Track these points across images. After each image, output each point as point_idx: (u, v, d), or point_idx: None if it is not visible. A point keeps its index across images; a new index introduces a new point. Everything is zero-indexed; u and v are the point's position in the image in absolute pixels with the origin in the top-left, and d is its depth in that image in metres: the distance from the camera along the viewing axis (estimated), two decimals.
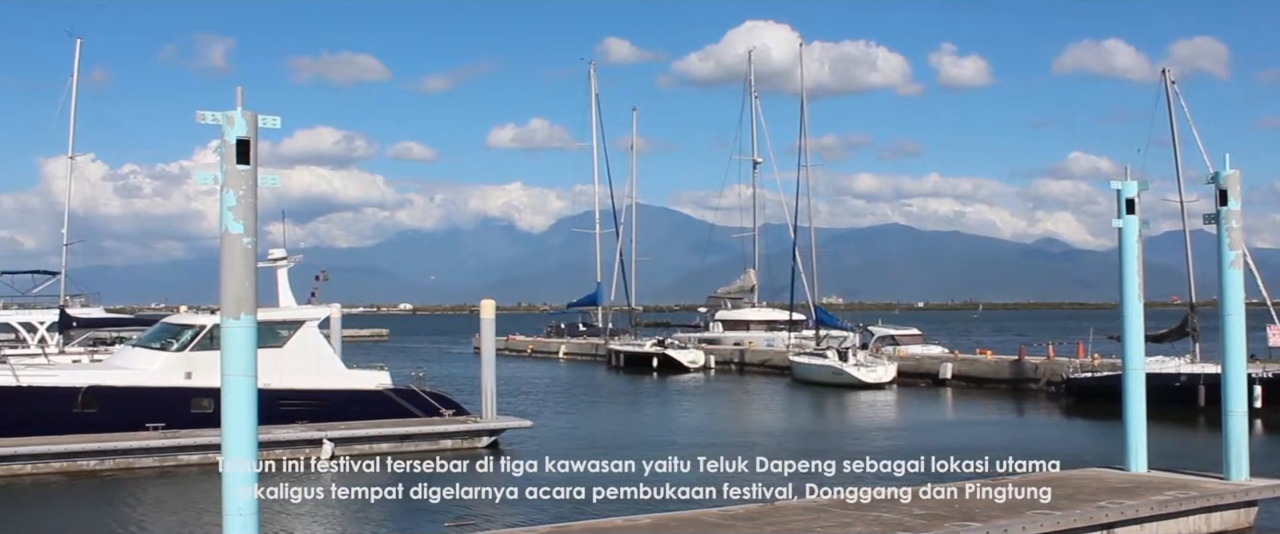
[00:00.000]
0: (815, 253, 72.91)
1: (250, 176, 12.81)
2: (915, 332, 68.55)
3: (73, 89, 58.30)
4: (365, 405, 32.31)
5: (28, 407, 29.90)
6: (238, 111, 12.86)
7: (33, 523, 22.36)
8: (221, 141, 12.90)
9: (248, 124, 12.85)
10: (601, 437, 37.23)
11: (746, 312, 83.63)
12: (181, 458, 28.05)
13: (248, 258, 12.83)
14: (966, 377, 56.59)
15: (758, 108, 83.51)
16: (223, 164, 12.87)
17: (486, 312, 34.33)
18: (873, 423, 43.45)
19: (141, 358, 32.15)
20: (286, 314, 32.55)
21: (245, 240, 12.77)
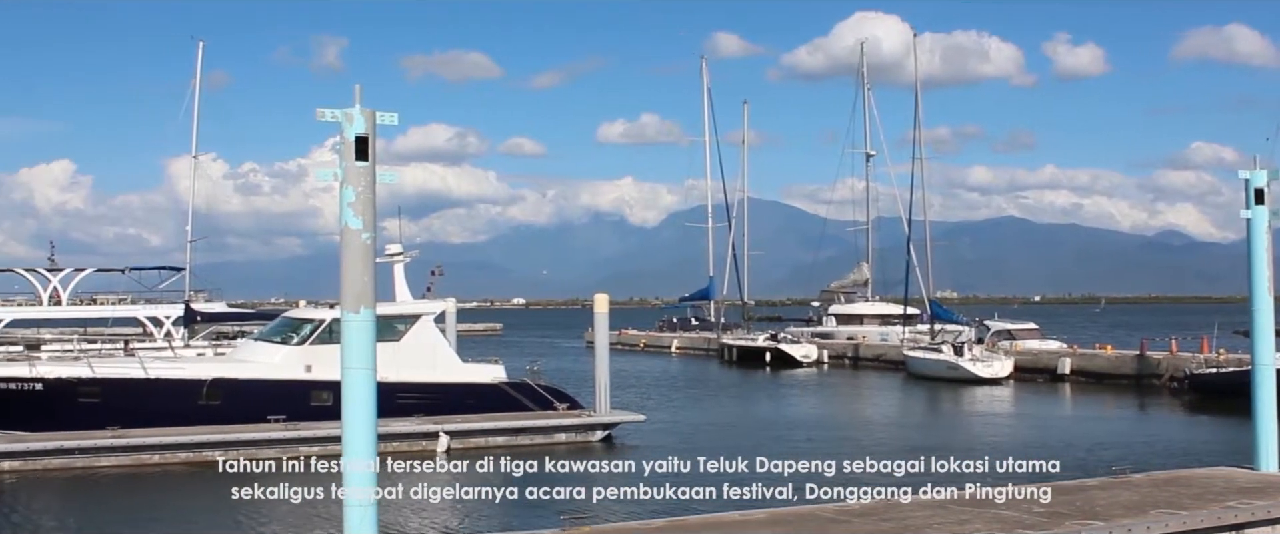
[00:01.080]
0: (929, 246, 72.16)
1: (368, 173, 12.96)
2: (1032, 326, 67.36)
3: (196, 91, 59.70)
4: (480, 399, 32.62)
5: (155, 398, 30.73)
6: (356, 109, 13.02)
7: (159, 511, 22.92)
8: (340, 139, 13.07)
9: (366, 121, 13.01)
10: (715, 431, 37.16)
11: (860, 306, 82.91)
12: (302, 449, 28.52)
13: (366, 253, 12.98)
14: (1086, 372, 55.46)
15: (871, 100, 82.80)
16: (342, 161, 13.04)
17: (600, 306, 34.41)
18: (989, 419, 42.79)
19: (263, 352, 32.80)
20: (403, 309, 32.96)
21: (364, 236, 12.93)
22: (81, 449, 27.38)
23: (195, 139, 60.04)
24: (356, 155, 12.90)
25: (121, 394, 30.69)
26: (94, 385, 30.86)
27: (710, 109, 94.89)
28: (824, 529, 15.84)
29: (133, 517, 22.53)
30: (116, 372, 31.45)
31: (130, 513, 22.90)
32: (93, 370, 31.23)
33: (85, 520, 22.41)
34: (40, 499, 24.46)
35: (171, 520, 22.17)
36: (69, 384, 30.79)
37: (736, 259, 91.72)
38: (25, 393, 30.47)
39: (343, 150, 13.07)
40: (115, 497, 24.75)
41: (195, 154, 60.22)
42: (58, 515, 23.12)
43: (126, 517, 22.54)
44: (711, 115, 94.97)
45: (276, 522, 22.40)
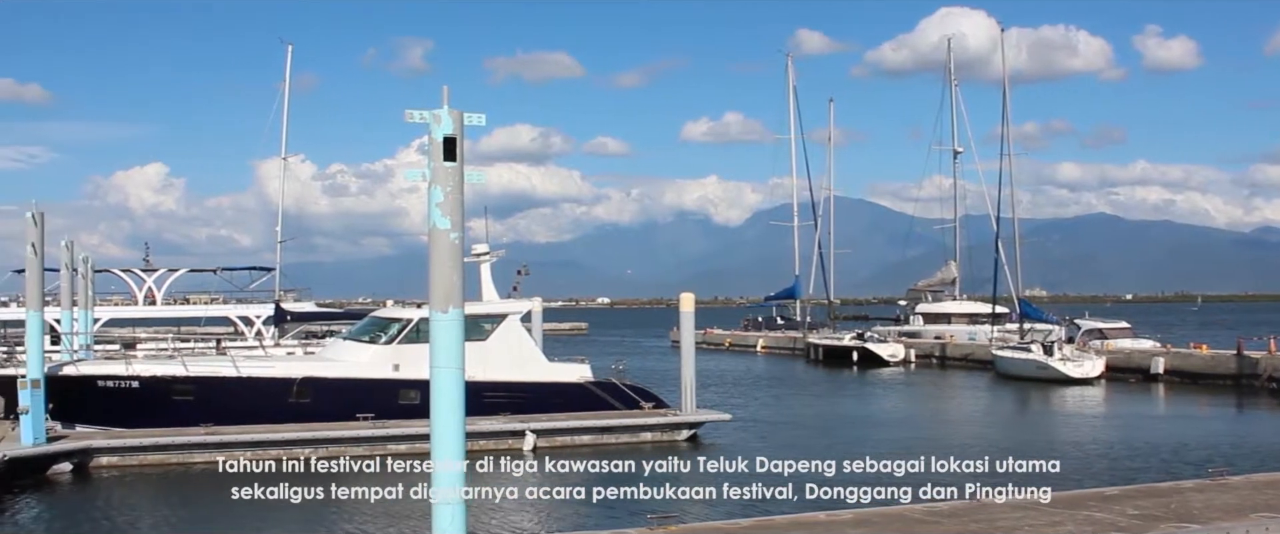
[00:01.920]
0: (1018, 244, 71.22)
1: (457, 173, 13.01)
2: (1124, 325, 66.24)
3: (285, 94, 60.57)
4: (566, 398, 32.70)
5: (247, 396, 31.19)
6: (444, 110, 13.08)
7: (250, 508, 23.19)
8: (428, 139, 13.14)
9: (454, 122, 13.06)
10: (801, 430, 36.99)
11: (948, 304, 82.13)
12: (390, 447, 28.80)
13: (455, 253, 13.03)
14: (1180, 372, 54.39)
15: (958, 96, 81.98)
16: (430, 162, 13.11)
17: (686, 305, 34.34)
18: (1080, 419, 42.16)
19: (351, 350, 33.14)
20: (490, 308, 33.15)
21: (452, 235, 12.98)
22: (176, 446, 27.87)
23: (284, 141, 60.94)
24: (444, 156, 12.96)
25: (214, 392, 31.17)
26: (188, 383, 31.38)
27: (796, 107, 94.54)
28: (912, 530, 15.70)
29: (224, 513, 22.83)
30: (209, 370, 31.95)
31: (222, 509, 23.21)
32: (187, 369, 31.75)
33: (180, 516, 22.78)
34: (137, 494, 24.92)
35: (261, 517, 22.44)
36: (164, 382, 31.33)
37: (822, 258, 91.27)
38: (122, 390, 31.06)
39: (431, 151, 13.13)
40: (207, 493, 25.12)
41: (284, 156, 61.10)
42: (153, 510, 23.53)
43: (218, 512, 22.86)
44: (797, 113, 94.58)
45: (365, 520, 22.63)
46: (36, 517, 22.35)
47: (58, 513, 22.74)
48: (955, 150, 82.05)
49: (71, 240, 37.12)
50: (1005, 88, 73.16)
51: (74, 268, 38.31)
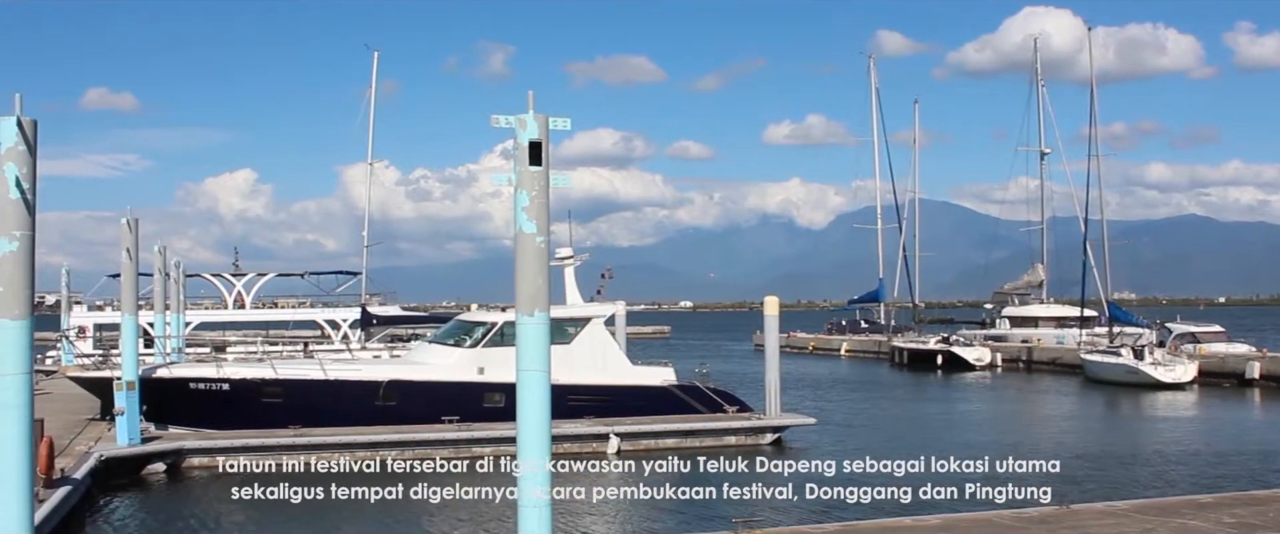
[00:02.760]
0: (1107, 246, 70.12)
1: (542, 177, 13.07)
2: (1217, 328, 64.94)
3: (371, 100, 61.21)
4: (650, 401, 32.71)
5: (334, 399, 31.56)
6: (530, 115, 13.14)
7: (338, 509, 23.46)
8: (514, 144, 13.22)
9: (539, 127, 13.12)
10: (886, 434, 36.70)
11: (1034, 308, 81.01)
12: (475, 450, 28.97)
13: (541, 256, 13.09)
14: (1277, 377, 53.25)
15: (1044, 97, 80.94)
16: (516, 166, 13.18)
17: (770, 308, 34.21)
18: (1172, 424, 41.42)
19: (437, 354, 33.40)
20: (574, 311, 33.24)
21: (538, 239, 13.03)
22: (265, 447, 28.22)
23: (371, 146, 61.55)
24: (530, 160, 13.02)
25: (302, 394, 31.56)
26: (277, 386, 31.80)
27: (879, 109, 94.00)
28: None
29: (313, 514, 23.11)
30: (298, 373, 32.34)
31: (310, 510, 23.48)
32: (275, 371, 32.17)
33: (269, 516, 23.07)
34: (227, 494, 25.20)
35: (349, 519, 22.69)
36: (253, 384, 31.78)
37: (907, 260, 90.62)
38: (213, 393, 31.57)
39: (516, 155, 13.20)
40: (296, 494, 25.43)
41: (371, 161, 61.69)
42: (244, 511, 23.84)
43: (307, 514, 23.13)
44: (880, 115, 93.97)
45: (450, 521, 22.80)
46: (131, 515, 22.78)
47: (151, 512, 23.15)
48: (1042, 151, 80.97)
49: (164, 245, 37.82)
50: (1092, 87, 72.14)
51: (166, 273, 39.01)
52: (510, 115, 13.21)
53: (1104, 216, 70.57)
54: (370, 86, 61.58)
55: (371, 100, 61.27)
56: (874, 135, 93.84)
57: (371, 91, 61.40)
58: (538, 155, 13.03)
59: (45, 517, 17.76)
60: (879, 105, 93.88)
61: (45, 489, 19.68)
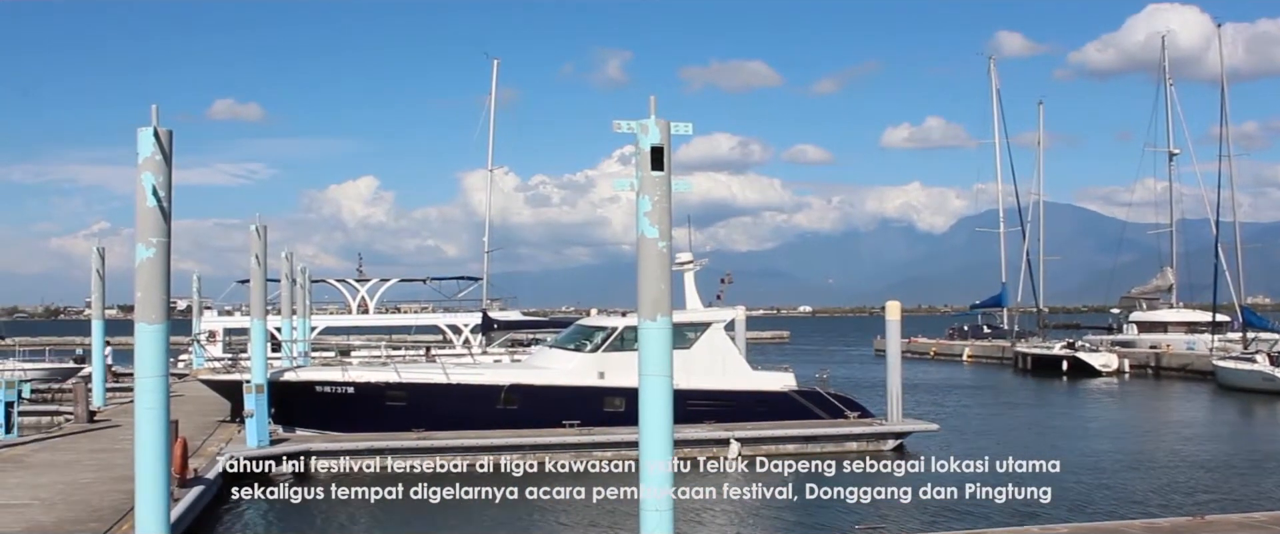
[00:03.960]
0: (1240, 249, 68.39)
1: (664, 182, 13.08)
2: None
3: (491, 107, 61.96)
4: (770, 406, 32.56)
5: (456, 402, 31.90)
6: (651, 119, 13.16)
7: (461, 511, 23.71)
8: (636, 149, 13.24)
9: (661, 131, 13.13)
10: (1011, 442, 36.05)
11: (1163, 312, 79.17)
12: (596, 454, 29.03)
13: (663, 261, 13.10)
14: None
15: (1172, 96, 79.08)
16: (638, 171, 13.21)
17: (892, 313, 33.82)
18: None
19: (558, 358, 33.60)
20: (694, 316, 33.20)
21: (660, 244, 13.05)
22: (390, 450, 28.62)
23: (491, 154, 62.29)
24: (652, 165, 13.04)
25: (426, 398, 31.96)
26: (400, 390, 32.23)
27: (1000, 111, 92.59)
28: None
29: (436, 516, 23.38)
30: (421, 377, 32.74)
31: (434, 512, 23.78)
32: (399, 375, 32.61)
33: (393, 518, 23.39)
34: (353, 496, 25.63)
35: (471, 521, 22.91)
36: (378, 388, 32.25)
37: (1031, 264, 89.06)
38: (338, 396, 32.11)
39: (638, 160, 13.23)
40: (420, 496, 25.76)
41: (491, 168, 62.39)
42: (369, 513, 24.20)
43: (430, 515, 23.41)
44: (1001, 117, 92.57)
45: (572, 525, 22.90)
46: (260, 515, 23.24)
47: (279, 512, 23.58)
48: (1170, 152, 79.21)
49: (290, 252, 38.64)
50: (1223, 86, 70.48)
51: (293, 278, 39.81)
52: (632, 120, 13.24)
53: (1236, 218, 68.93)
54: (490, 94, 62.32)
55: (492, 108, 62.11)
56: (996, 137, 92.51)
57: (491, 99, 62.24)
58: (659, 160, 13.04)
59: (180, 515, 18.20)
60: (1000, 107, 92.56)
61: (180, 488, 20.18)
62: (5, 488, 21.57)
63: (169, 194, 14.78)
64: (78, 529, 17.46)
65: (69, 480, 22.39)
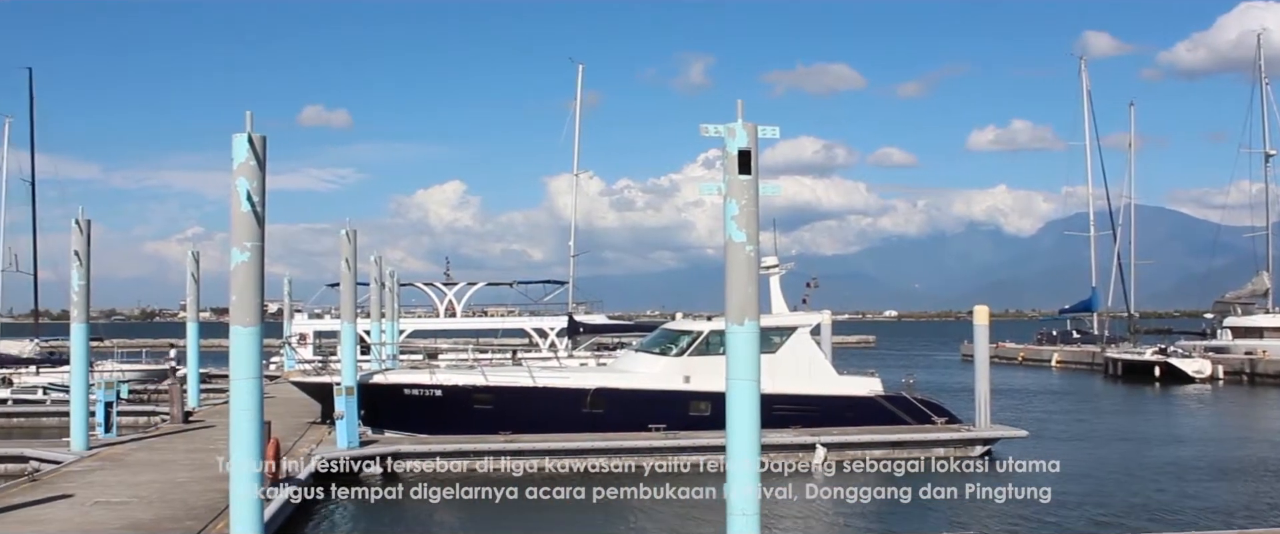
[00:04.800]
0: None
1: (752, 186, 13.09)
2: None
3: (576, 112, 62.23)
4: (856, 411, 32.37)
5: (542, 405, 32.07)
6: (738, 123, 13.17)
7: (547, 514, 23.86)
8: (723, 153, 13.26)
9: (748, 135, 13.14)
10: (1101, 449, 35.53)
11: (1259, 317, 77.51)
12: (682, 458, 29.07)
13: (750, 265, 13.11)
14: None
15: (1269, 95, 77.53)
16: (725, 175, 13.23)
17: (980, 318, 33.47)
18: None
19: (643, 362, 33.65)
20: (780, 321, 33.10)
21: (748, 248, 13.06)
22: (477, 452, 28.83)
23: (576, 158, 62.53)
24: (739, 169, 13.05)
25: (512, 401, 32.16)
26: (487, 393, 32.45)
27: (1091, 112, 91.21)
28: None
29: (523, 519, 23.53)
30: (507, 380, 32.95)
31: (520, 515, 23.94)
32: (486, 378, 32.84)
33: (480, 521, 23.57)
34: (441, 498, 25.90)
35: (558, 524, 23.03)
36: (465, 391, 32.50)
37: (1121, 269, 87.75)
38: (426, 399, 32.40)
39: (725, 164, 13.25)
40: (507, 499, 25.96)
41: (576, 172, 62.62)
42: (456, 515, 24.41)
43: (517, 518, 23.57)
44: (1092, 119, 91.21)
45: (658, 528, 22.91)
46: (350, 516, 23.53)
47: (369, 513, 23.86)
48: (1266, 153, 77.62)
49: (379, 256, 39.06)
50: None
51: (382, 282, 40.25)
52: (719, 124, 13.27)
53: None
54: (575, 98, 62.57)
55: (577, 112, 62.35)
56: (1086, 139, 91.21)
57: (577, 103, 62.49)
58: (747, 164, 13.06)
59: (272, 514, 18.49)
60: (1091, 108, 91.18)
61: (272, 488, 20.50)
62: (106, 486, 22.06)
63: (263, 199, 15.05)
64: (174, 527, 17.81)
65: (166, 479, 22.84)
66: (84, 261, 27.30)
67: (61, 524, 18.09)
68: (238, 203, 14.80)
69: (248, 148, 14.79)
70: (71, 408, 28.19)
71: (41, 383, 46.04)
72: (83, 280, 27.43)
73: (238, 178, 14.79)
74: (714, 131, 13.27)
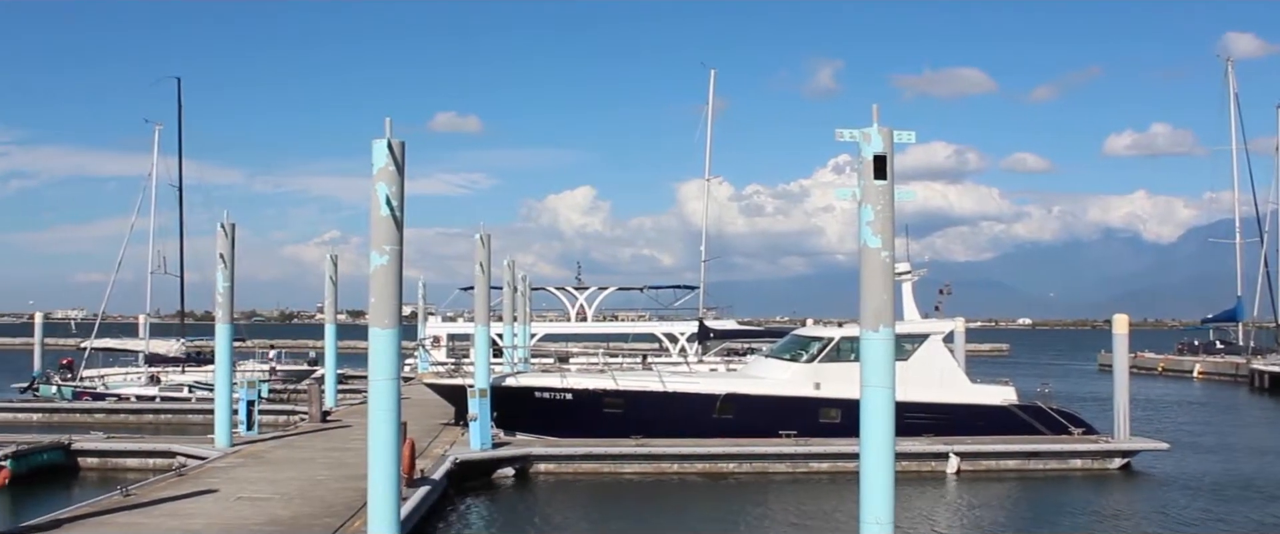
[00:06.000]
0: None
1: (887, 191, 12.99)
2: None
3: (708, 117, 62.13)
4: (990, 420, 31.87)
5: (672, 410, 32.13)
6: (874, 128, 13.08)
7: (677, 517, 23.92)
8: (858, 158, 13.18)
9: (883, 140, 13.04)
10: (1245, 464, 34.44)
11: None
12: (812, 465, 28.90)
13: (886, 271, 13.00)
14: None
15: None
16: (860, 180, 13.14)
17: (1119, 327, 32.71)
18: None
19: (773, 368, 33.54)
20: (913, 327, 32.72)
21: (883, 254, 12.95)
22: (608, 456, 28.98)
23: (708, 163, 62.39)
24: (875, 174, 12.96)
25: (642, 405, 32.28)
26: (618, 397, 32.62)
27: (1238, 115, 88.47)
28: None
29: (652, 521, 23.63)
30: (637, 384, 33.08)
31: (650, 518, 24.05)
32: (616, 382, 33.01)
33: (611, 522, 23.71)
34: (571, 501, 26.13)
35: (688, 527, 23.06)
36: (595, 395, 32.72)
37: (1269, 277, 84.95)
38: (557, 402, 32.69)
39: (860, 169, 13.17)
40: (637, 502, 26.08)
41: (707, 178, 62.53)
42: (587, 516, 24.60)
43: (647, 521, 23.68)
44: (1239, 122, 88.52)
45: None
46: (483, 517, 23.83)
47: (501, 514, 24.15)
48: None
49: (512, 260, 39.46)
50: None
51: (515, 286, 40.68)
52: (854, 129, 13.19)
53: None
54: (707, 103, 62.48)
55: (709, 117, 62.19)
56: (1233, 143, 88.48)
57: (709, 109, 62.33)
58: (882, 169, 12.97)
59: (408, 513, 18.79)
60: (1238, 112, 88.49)
61: (407, 488, 20.84)
62: (248, 482, 22.64)
63: (401, 203, 15.34)
64: (314, 523, 18.19)
65: (305, 477, 23.35)
66: (229, 264, 28.06)
67: (208, 518, 18.61)
68: (377, 207, 15.09)
69: (387, 153, 15.07)
70: (216, 406, 28.99)
71: (187, 381, 47.45)
72: (227, 282, 28.19)
73: (377, 183, 15.08)
74: (849, 136, 13.20)
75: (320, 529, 17.74)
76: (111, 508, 19.33)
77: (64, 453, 28.81)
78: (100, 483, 26.19)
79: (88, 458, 29.10)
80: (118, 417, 41.27)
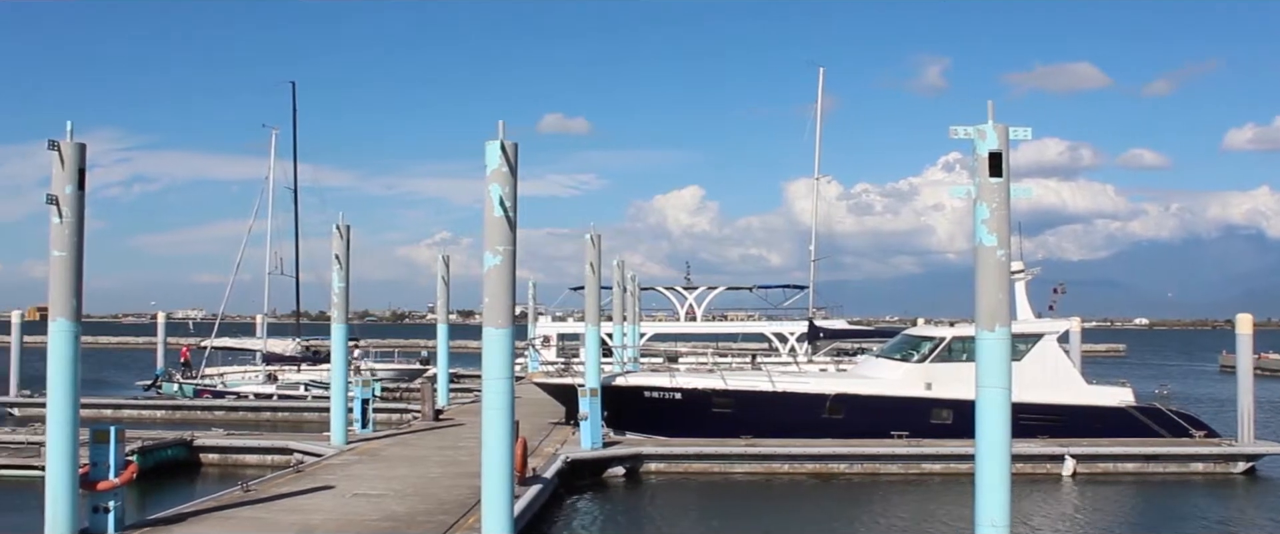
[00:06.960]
0: None
1: (1003, 189, 12.82)
2: None
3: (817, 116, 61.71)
4: (1106, 422, 31.27)
5: (782, 410, 32.01)
6: (989, 125, 12.92)
7: (787, 518, 23.82)
8: (973, 155, 13.03)
9: (999, 137, 12.87)
10: None
11: None
12: (924, 467, 28.61)
13: (1001, 270, 12.84)
14: None
15: None
16: (975, 178, 12.99)
17: (1243, 327, 31.85)
18: None
19: (884, 368, 33.26)
20: (1026, 327, 32.22)
21: (999, 252, 12.79)
22: (718, 455, 28.96)
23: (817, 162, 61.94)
24: (990, 171, 12.80)
25: (751, 405, 32.21)
26: (727, 396, 32.58)
27: None
28: None
29: (763, 521, 23.55)
30: (747, 384, 33.00)
31: (760, 518, 23.97)
32: (725, 382, 32.97)
33: (721, 522, 23.68)
34: (681, 500, 26.15)
35: (798, 528, 22.95)
36: (705, 394, 32.71)
37: None
38: (666, 401, 32.74)
39: (974, 167, 13.02)
40: (747, 502, 26.01)
41: (817, 176, 62.13)
42: (697, 516, 24.61)
43: (757, 521, 23.60)
44: None
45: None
46: (594, 516, 23.95)
47: (612, 513, 24.26)
48: None
49: (621, 260, 39.59)
50: None
51: (624, 286, 40.78)
52: (969, 126, 13.04)
53: None
54: (816, 102, 62.08)
55: (818, 116, 61.69)
56: None
57: (818, 107, 61.85)
58: (997, 166, 12.81)
59: (520, 511, 18.94)
60: None
61: (519, 486, 21.02)
62: (364, 478, 23.00)
63: (514, 204, 15.47)
64: (428, 520, 18.42)
65: (419, 474, 23.65)
66: (344, 265, 28.51)
67: (325, 513, 18.93)
68: (490, 208, 15.23)
69: (500, 155, 15.21)
70: (331, 404, 29.48)
71: (303, 379, 48.36)
72: (342, 282, 28.65)
73: (491, 184, 15.22)
74: (963, 133, 13.05)
75: (435, 526, 17.96)
76: (232, 503, 19.76)
77: (186, 449, 29.59)
78: (221, 478, 26.81)
79: (208, 454, 29.82)
80: (237, 414, 42.19)
